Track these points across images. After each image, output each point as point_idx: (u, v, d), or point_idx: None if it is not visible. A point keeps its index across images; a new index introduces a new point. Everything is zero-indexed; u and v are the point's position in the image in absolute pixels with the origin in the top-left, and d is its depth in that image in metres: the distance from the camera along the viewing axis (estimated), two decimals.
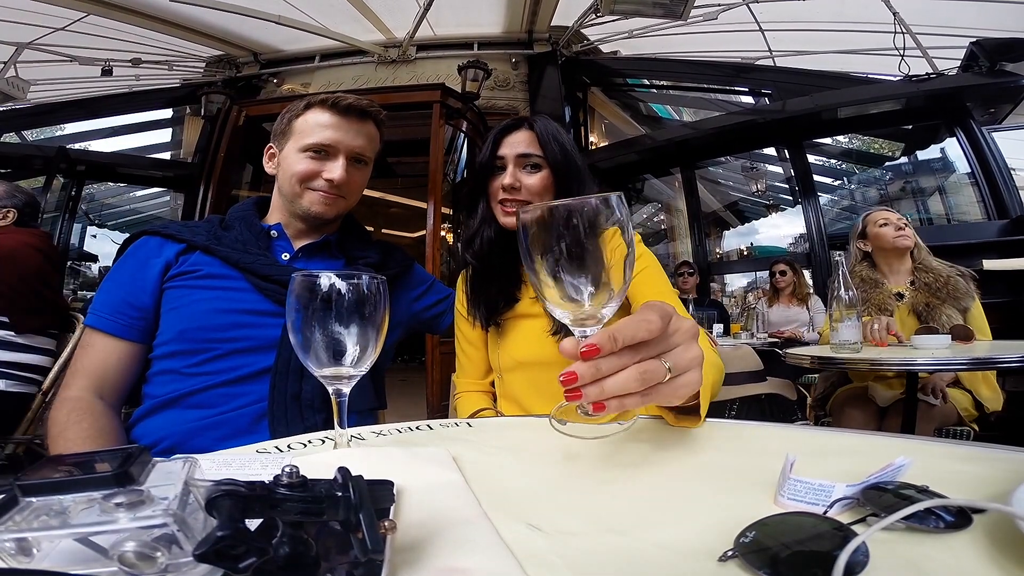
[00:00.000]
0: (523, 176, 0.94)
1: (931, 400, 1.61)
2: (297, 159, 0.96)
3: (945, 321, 1.71)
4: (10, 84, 4.08)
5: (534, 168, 0.95)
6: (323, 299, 0.47)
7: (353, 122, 0.97)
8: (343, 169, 0.96)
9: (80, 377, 0.87)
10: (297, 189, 0.96)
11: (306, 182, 0.96)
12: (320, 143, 0.95)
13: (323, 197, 0.97)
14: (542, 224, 0.42)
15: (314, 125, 0.96)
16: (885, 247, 1.91)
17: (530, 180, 0.94)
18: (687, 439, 0.60)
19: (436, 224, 4.06)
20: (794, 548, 0.29)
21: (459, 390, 1.09)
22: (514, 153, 0.94)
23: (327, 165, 0.96)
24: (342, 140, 0.96)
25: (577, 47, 4.96)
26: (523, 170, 0.95)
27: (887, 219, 1.92)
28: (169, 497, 0.25)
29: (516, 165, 0.94)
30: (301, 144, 0.96)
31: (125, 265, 0.94)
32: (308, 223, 1.01)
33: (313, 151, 0.96)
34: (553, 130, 0.96)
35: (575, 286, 0.43)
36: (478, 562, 0.29)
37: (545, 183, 0.94)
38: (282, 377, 0.86)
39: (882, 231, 1.91)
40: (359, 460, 0.47)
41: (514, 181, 0.93)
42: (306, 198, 0.97)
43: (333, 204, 0.98)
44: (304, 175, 0.95)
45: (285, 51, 5.10)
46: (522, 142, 0.95)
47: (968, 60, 3.63)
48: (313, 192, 0.97)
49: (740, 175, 5.50)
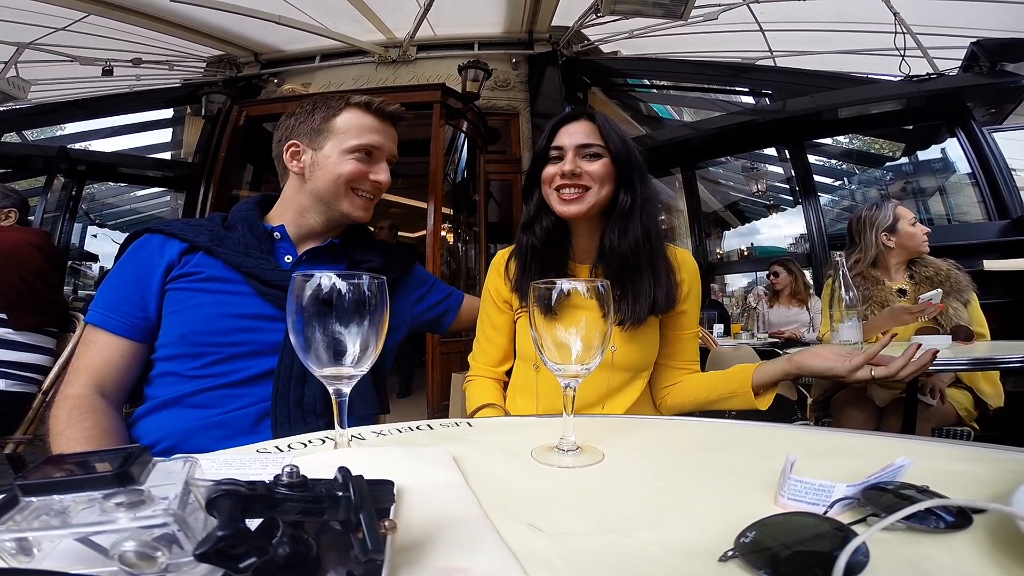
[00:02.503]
0: (583, 163, 0.94)
1: (928, 400, 1.60)
2: (342, 160, 0.96)
3: (952, 315, 1.68)
4: (11, 84, 4.08)
5: (594, 156, 0.94)
6: (323, 299, 0.47)
7: (389, 126, 1.00)
8: (387, 172, 0.99)
9: (82, 375, 0.87)
10: (342, 191, 0.96)
11: (352, 183, 0.96)
12: (369, 145, 0.96)
13: (365, 202, 0.99)
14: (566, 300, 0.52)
15: (357, 127, 0.96)
16: (910, 247, 1.83)
17: (591, 167, 0.93)
18: (687, 439, 0.60)
19: (436, 224, 4.05)
20: (794, 548, 0.29)
21: (472, 373, 1.10)
22: (574, 143, 0.94)
23: (373, 167, 0.98)
24: (385, 143, 0.98)
25: (577, 47, 4.96)
26: (583, 159, 0.94)
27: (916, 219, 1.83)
28: (169, 497, 0.25)
29: (576, 154, 0.94)
30: (347, 145, 0.96)
31: (128, 263, 0.93)
32: (336, 227, 1.01)
33: (363, 152, 0.96)
34: (613, 124, 0.96)
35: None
36: (478, 562, 0.29)
37: (607, 170, 0.94)
38: (284, 382, 0.85)
39: (915, 231, 1.81)
40: (359, 460, 0.47)
41: (575, 167, 0.92)
42: (348, 201, 0.97)
43: (370, 208, 1.01)
44: (353, 176, 0.96)
45: (286, 51, 5.10)
46: (581, 132, 0.95)
47: (969, 60, 3.63)
48: (356, 196, 0.98)
49: (740, 175, 5.49)
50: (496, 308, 1.06)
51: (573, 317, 0.51)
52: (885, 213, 1.86)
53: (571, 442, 0.51)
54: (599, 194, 0.94)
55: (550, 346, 0.52)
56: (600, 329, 0.51)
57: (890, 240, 1.84)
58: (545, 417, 0.75)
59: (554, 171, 0.95)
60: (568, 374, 0.52)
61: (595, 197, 0.94)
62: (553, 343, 0.52)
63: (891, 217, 1.84)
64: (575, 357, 0.51)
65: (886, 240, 1.84)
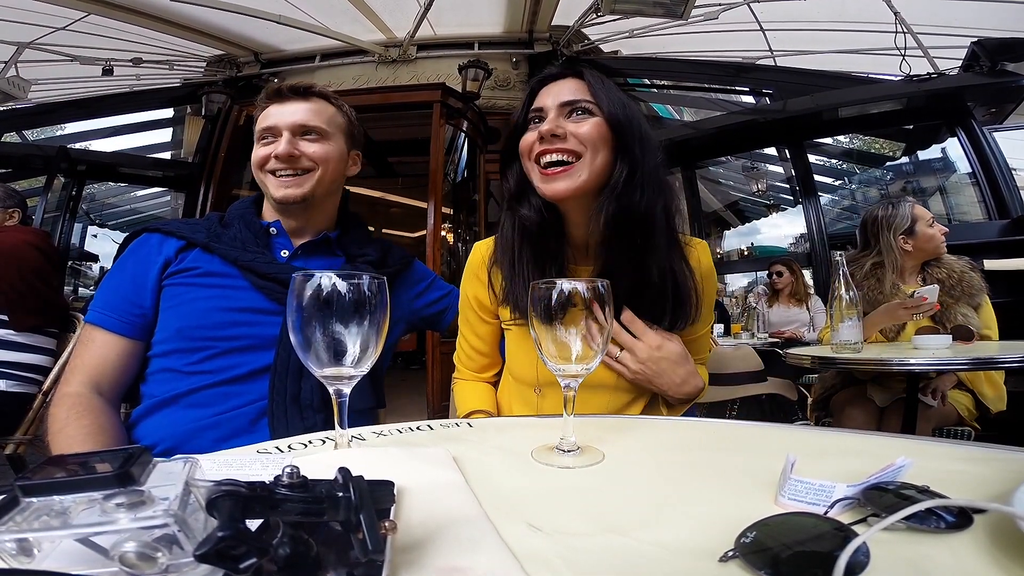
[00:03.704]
0: (568, 124, 0.75)
1: (929, 401, 1.60)
2: (254, 150, 0.98)
3: (961, 320, 1.64)
4: (11, 84, 4.08)
5: (583, 113, 0.75)
6: (324, 299, 0.47)
7: (291, 102, 0.99)
8: (287, 143, 0.96)
9: (79, 373, 0.87)
10: (260, 176, 0.98)
11: (262, 168, 0.98)
12: (264, 128, 0.98)
13: (281, 180, 0.97)
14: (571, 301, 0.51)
15: (261, 117, 0.99)
16: (929, 250, 1.73)
17: (580, 128, 0.74)
18: (687, 439, 0.60)
19: (436, 224, 4.06)
20: (795, 548, 0.29)
21: (457, 375, 1.01)
22: (557, 102, 0.76)
23: (273, 145, 0.98)
24: (280, 120, 0.97)
25: (578, 47, 4.96)
26: (568, 118, 0.76)
27: (933, 218, 1.72)
28: (170, 497, 0.25)
29: (559, 113, 0.76)
30: (256, 137, 0.99)
31: (126, 263, 0.94)
32: (287, 212, 1.00)
33: (264, 138, 0.98)
34: (609, 83, 0.78)
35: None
36: (478, 562, 0.29)
37: (600, 131, 0.74)
38: (281, 377, 0.86)
39: (934, 232, 1.71)
40: (359, 460, 0.47)
41: (555, 127, 0.73)
42: (269, 184, 0.98)
43: (296, 182, 0.96)
44: (257, 161, 0.97)
45: (286, 51, 5.10)
46: (567, 90, 0.77)
47: (969, 60, 3.63)
48: (272, 177, 0.97)
49: (741, 175, 5.49)
50: (478, 318, 0.94)
51: (574, 317, 0.51)
52: (903, 214, 1.72)
53: (571, 442, 0.51)
54: (593, 163, 0.74)
55: (550, 346, 0.52)
56: (601, 329, 0.51)
57: (907, 243, 1.73)
58: (545, 417, 0.75)
59: (533, 138, 0.76)
60: (568, 374, 0.52)
61: (587, 168, 0.74)
62: (553, 343, 0.52)
63: (909, 219, 1.71)
64: (575, 357, 0.51)
65: (903, 243, 1.73)
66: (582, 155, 0.74)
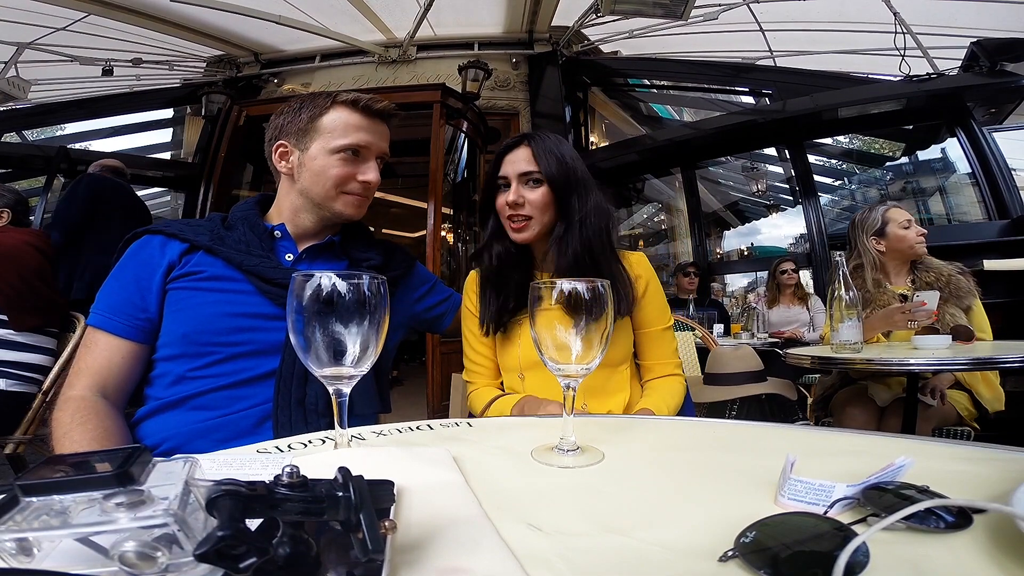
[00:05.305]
0: (526, 192, 0.99)
1: (928, 401, 1.60)
2: (329, 161, 0.94)
3: (948, 320, 1.68)
4: (11, 84, 4.08)
5: (535, 183, 0.99)
6: (324, 299, 0.47)
7: (379, 123, 0.98)
8: (376, 171, 0.97)
9: (84, 376, 0.86)
10: (332, 192, 0.95)
11: (341, 185, 0.95)
12: (355, 144, 0.94)
13: (357, 200, 0.98)
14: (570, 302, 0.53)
15: (344, 126, 0.94)
16: (903, 250, 1.81)
17: (532, 196, 0.99)
18: (687, 439, 0.60)
19: (436, 224, 4.06)
20: (794, 548, 0.29)
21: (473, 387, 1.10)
22: (516, 171, 0.99)
23: (361, 167, 0.96)
24: (373, 142, 0.96)
25: (577, 47, 4.96)
26: (525, 186, 0.99)
27: (911, 220, 1.79)
28: (169, 497, 0.25)
29: (519, 182, 0.99)
30: (333, 145, 0.94)
31: (128, 264, 0.92)
32: (331, 225, 1.00)
33: (349, 152, 0.94)
34: (551, 144, 1.00)
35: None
36: (478, 562, 0.29)
37: (545, 198, 0.99)
38: (286, 382, 0.85)
39: (906, 234, 1.78)
40: (359, 460, 0.47)
41: (517, 197, 0.98)
42: (340, 201, 0.96)
43: (363, 206, 1.00)
44: (339, 179, 0.95)
45: (286, 51, 5.10)
46: (522, 159, 0.99)
47: (969, 60, 3.63)
48: (348, 196, 0.96)
49: (740, 175, 5.49)
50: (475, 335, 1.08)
51: (574, 316, 0.51)
52: (874, 217, 1.85)
53: (571, 442, 0.51)
54: (542, 221, 1.00)
55: (550, 346, 0.52)
56: (601, 328, 0.51)
57: (880, 244, 1.83)
58: (545, 417, 0.75)
59: (502, 201, 1.00)
60: (568, 374, 0.52)
61: (539, 225, 1.00)
62: (553, 343, 0.52)
63: (879, 221, 1.83)
64: (575, 357, 0.52)
65: (876, 244, 1.84)
66: (534, 216, 0.99)
